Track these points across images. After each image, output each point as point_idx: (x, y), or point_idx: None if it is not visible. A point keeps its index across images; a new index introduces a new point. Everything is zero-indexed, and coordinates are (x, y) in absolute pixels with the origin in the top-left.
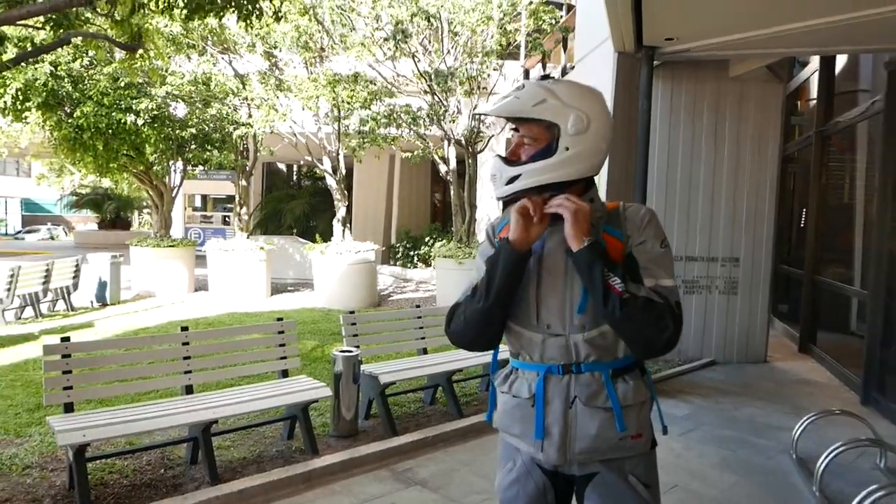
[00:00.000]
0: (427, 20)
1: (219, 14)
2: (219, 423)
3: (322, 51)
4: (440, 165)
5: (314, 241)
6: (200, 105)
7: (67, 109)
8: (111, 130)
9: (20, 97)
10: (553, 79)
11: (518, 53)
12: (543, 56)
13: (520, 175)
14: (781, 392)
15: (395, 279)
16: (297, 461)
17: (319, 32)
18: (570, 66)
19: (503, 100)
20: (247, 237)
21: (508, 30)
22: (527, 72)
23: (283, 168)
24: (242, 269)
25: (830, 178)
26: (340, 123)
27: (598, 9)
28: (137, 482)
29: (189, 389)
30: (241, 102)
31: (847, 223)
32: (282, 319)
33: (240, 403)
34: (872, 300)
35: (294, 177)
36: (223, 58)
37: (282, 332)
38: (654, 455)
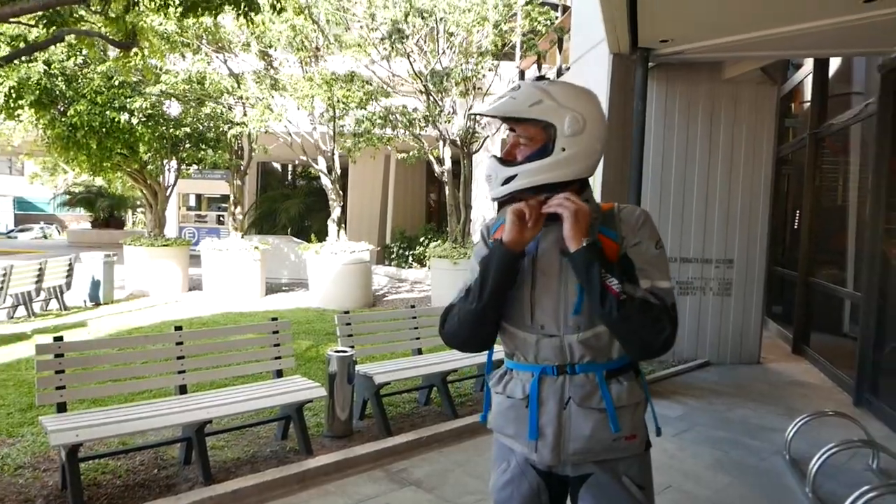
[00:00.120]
0: (421, 18)
1: (215, 11)
2: (213, 424)
3: (317, 50)
4: (435, 166)
5: (309, 241)
6: (195, 104)
7: (61, 108)
8: (105, 129)
9: (13, 95)
10: (548, 80)
11: (513, 54)
12: (539, 57)
13: (516, 176)
14: (775, 393)
15: (390, 279)
16: (292, 461)
17: (315, 32)
18: (566, 68)
19: (499, 100)
20: (241, 237)
21: (504, 30)
22: (522, 72)
23: (278, 168)
24: (237, 269)
25: (824, 181)
26: (336, 123)
27: (594, 10)
28: (130, 482)
29: (183, 389)
30: (236, 101)
31: (840, 225)
32: (276, 319)
33: (234, 403)
34: (865, 302)
35: (289, 176)
36: (218, 56)
37: (276, 332)
38: (649, 456)
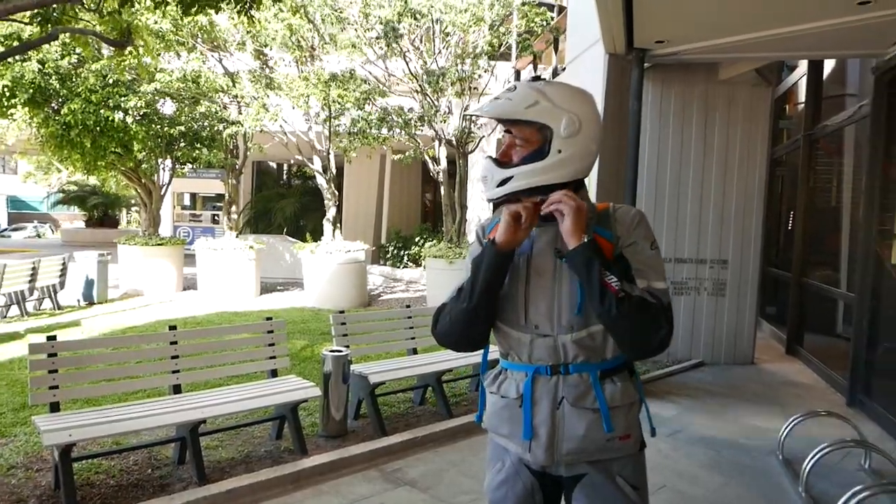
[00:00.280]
0: (414, 18)
1: (215, 7)
2: (207, 423)
3: (312, 49)
4: (431, 165)
5: (304, 241)
6: (189, 102)
7: (55, 106)
8: (99, 128)
9: (7, 94)
10: (544, 80)
11: (509, 54)
12: (534, 57)
13: (512, 177)
14: (768, 393)
15: (385, 279)
16: (286, 461)
17: (311, 31)
18: (562, 68)
19: (495, 101)
20: (236, 236)
21: (500, 32)
22: (518, 73)
23: (274, 167)
24: (231, 269)
25: (818, 182)
26: (331, 123)
27: (589, 10)
28: (124, 482)
29: (177, 389)
30: (231, 100)
31: (834, 226)
32: (271, 319)
33: (228, 403)
34: (858, 303)
35: (284, 176)
36: (213, 55)
37: (271, 332)
38: (643, 457)
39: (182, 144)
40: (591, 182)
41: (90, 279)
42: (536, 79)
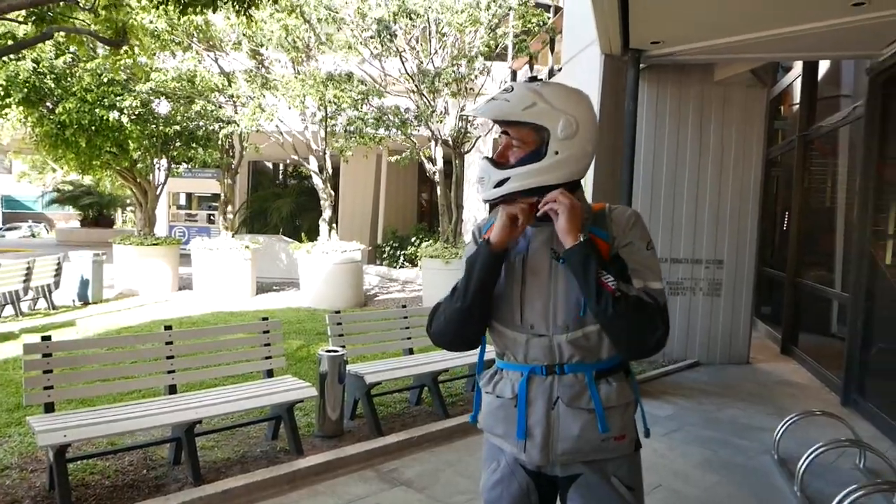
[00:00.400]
0: (409, 18)
1: (213, 6)
2: (202, 424)
3: (308, 49)
4: (427, 165)
5: (300, 241)
6: (185, 102)
7: (49, 105)
8: (94, 127)
9: (1, 93)
10: (541, 81)
11: (505, 55)
12: (531, 58)
13: (509, 178)
14: (763, 393)
15: (382, 279)
16: (282, 461)
17: (307, 31)
18: (558, 68)
19: (492, 101)
20: (232, 236)
21: (498, 33)
22: (514, 73)
23: (270, 167)
24: (227, 268)
25: (812, 182)
26: (327, 123)
27: (586, 11)
28: (119, 483)
29: (172, 389)
30: (227, 100)
31: (828, 227)
32: (267, 319)
33: (224, 403)
34: (853, 303)
35: (280, 176)
36: (209, 55)
37: (267, 332)
38: (639, 457)
39: (178, 144)
40: (587, 182)
41: (85, 279)
42: (534, 79)
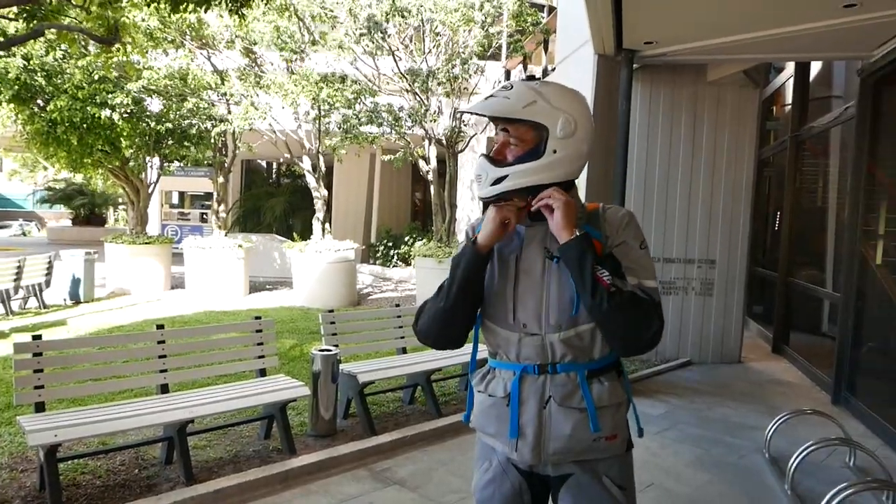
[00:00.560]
0: (402, 16)
1: (205, 5)
2: (195, 423)
3: (302, 49)
4: (421, 164)
5: (293, 240)
6: (177, 100)
7: (40, 103)
8: (85, 125)
9: None
10: (539, 80)
11: (499, 54)
12: (525, 58)
13: (506, 176)
14: (755, 392)
15: (375, 278)
16: (275, 461)
17: (301, 31)
18: (551, 68)
19: (491, 99)
20: (225, 235)
21: (491, 32)
22: (508, 73)
23: (263, 165)
24: (220, 267)
25: (804, 183)
26: (321, 122)
27: (579, 11)
28: (110, 483)
29: (164, 389)
30: (220, 98)
31: (820, 227)
32: (260, 318)
33: (216, 403)
34: (843, 302)
35: (273, 174)
36: (202, 53)
37: (259, 331)
38: (630, 457)
39: (170, 142)
40: (581, 182)
41: (76, 278)
42: (531, 78)
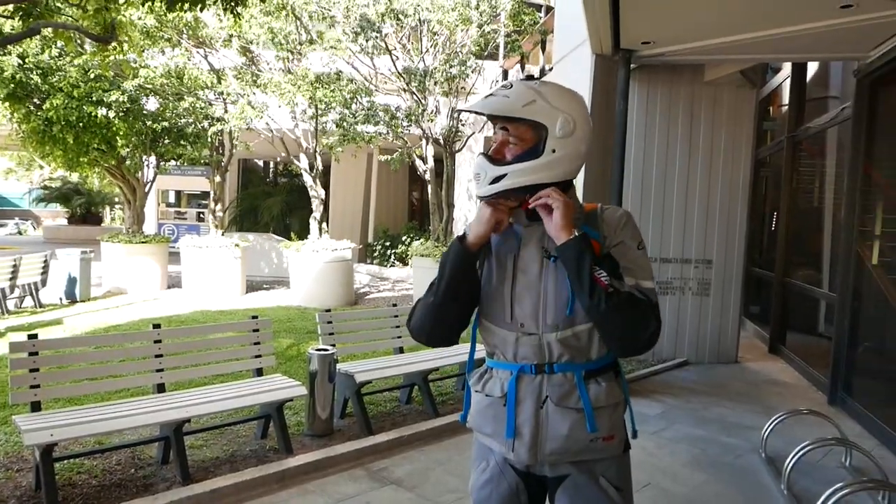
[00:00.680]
0: (397, 19)
1: (200, 5)
2: (191, 423)
3: (299, 46)
4: (419, 164)
5: (290, 239)
6: (173, 98)
7: (36, 101)
8: (82, 123)
9: None
10: (538, 80)
11: (497, 54)
12: (522, 57)
13: (505, 175)
14: (751, 392)
15: (372, 278)
16: (271, 460)
17: (298, 29)
18: (549, 68)
19: (491, 98)
20: (221, 234)
21: (487, 31)
22: (505, 72)
23: (260, 164)
24: (217, 267)
25: (801, 183)
26: (318, 121)
27: (577, 11)
28: (106, 482)
29: (161, 388)
30: (217, 97)
31: (816, 227)
32: (257, 317)
33: (213, 402)
34: (840, 302)
35: (270, 174)
36: (198, 52)
37: (256, 331)
38: (628, 458)
39: (166, 141)
40: (578, 182)
41: (73, 277)
42: (530, 78)
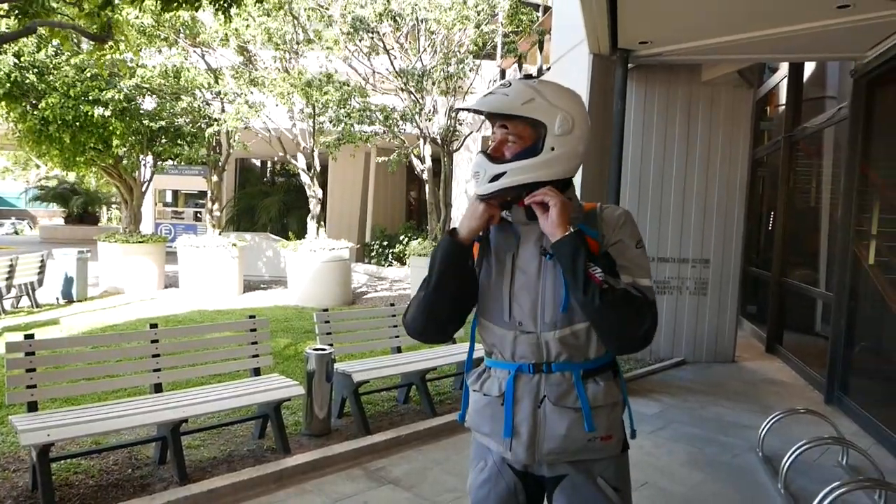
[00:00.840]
0: (393, 20)
1: (193, 5)
2: (188, 422)
3: (296, 46)
4: (416, 163)
5: (288, 239)
6: (170, 98)
7: (33, 101)
8: (78, 123)
9: None
10: (537, 79)
11: (494, 54)
12: (519, 57)
13: (504, 173)
14: (748, 391)
15: (370, 277)
16: (269, 460)
17: (295, 28)
18: (546, 68)
19: (490, 95)
20: (219, 233)
21: (485, 31)
22: (503, 72)
23: (257, 164)
24: (214, 266)
25: (798, 183)
26: (315, 120)
27: (574, 11)
28: (103, 482)
29: (158, 388)
30: (214, 96)
31: (813, 227)
32: (254, 317)
33: (210, 402)
34: (837, 302)
35: (268, 173)
36: (195, 51)
37: (254, 330)
38: (626, 458)
39: (163, 140)
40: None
41: (69, 277)
42: (528, 77)
